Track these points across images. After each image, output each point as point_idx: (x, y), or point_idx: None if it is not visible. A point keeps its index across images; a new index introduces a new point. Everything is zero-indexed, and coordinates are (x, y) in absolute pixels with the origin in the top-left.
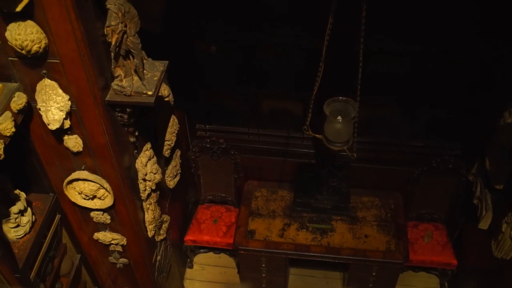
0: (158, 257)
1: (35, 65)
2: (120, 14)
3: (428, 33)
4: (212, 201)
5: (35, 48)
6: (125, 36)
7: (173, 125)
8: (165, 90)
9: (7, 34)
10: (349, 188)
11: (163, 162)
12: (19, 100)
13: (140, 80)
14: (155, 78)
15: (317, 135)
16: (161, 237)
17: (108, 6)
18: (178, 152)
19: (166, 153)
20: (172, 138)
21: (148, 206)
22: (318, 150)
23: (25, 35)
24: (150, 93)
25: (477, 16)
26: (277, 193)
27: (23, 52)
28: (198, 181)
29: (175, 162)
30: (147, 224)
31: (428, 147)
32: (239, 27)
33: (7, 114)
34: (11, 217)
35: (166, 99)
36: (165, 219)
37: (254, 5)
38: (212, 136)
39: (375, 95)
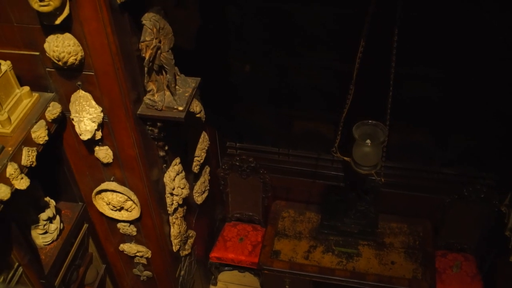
0: (182, 272)
1: (70, 76)
2: (155, 30)
3: (462, 59)
4: (239, 219)
5: (71, 60)
6: (159, 51)
7: (203, 141)
8: (197, 107)
9: (46, 45)
10: (377, 213)
11: (192, 177)
12: (53, 110)
13: (172, 95)
14: (186, 94)
15: (345, 158)
16: (186, 252)
17: (144, 22)
18: (207, 169)
19: (195, 169)
20: (202, 154)
21: (174, 220)
22: (347, 173)
23: (63, 47)
24: (180, 108)
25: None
26: (304, 215)
27: (60, 63)
28: (226, 198)
29: (204, 178)
30: (172, 238)
31: (460, 175)
32: (274, 48)
33: (41, 122)
34: (40, 224)
35: (197, 115)
36: (190, 234)
37: (290, 27)
38: (242, 154)
39: (406, 120)
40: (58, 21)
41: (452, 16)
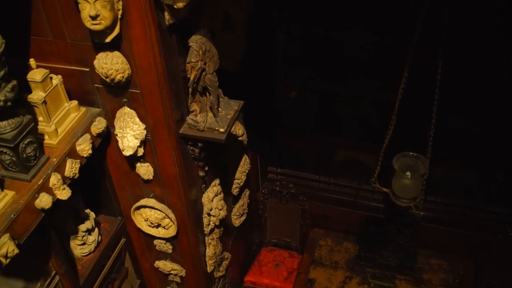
0: None
1: (117, 93)
2: (200, 52)
3: (507, 94)
4: (276, 244)
5: (118, 77)
6: (204, 73)
7: (244, 164)
8: (239, 130)
9: (95, 62)
10: (416, 248)
11: (231, 200)
12: (99, 124)
13: (214, 116)
14: (228, 116)
15: (384, 189)
16: (220, 274)
17: (190, 44)
18: (247, 192)
19: (235, 191)
20: (242, 177)
21: (210, 241)
22: (388, 205)
23: (111, 64)
24: (222, 130)
25: None
26: (341, 244)
27: (108, 80)
28: (265, 223)
29: (243, 201)
30: (207, 258)
31: (504, 214)
32: (319, 75)
33: (86, 136)
34: (78, 235)
35: (239, 138)
36: (226, 256)
37: (335, 54)
38: (283, 180)
39: (449, 154)
40: (108, 39)
41: (499, 49)
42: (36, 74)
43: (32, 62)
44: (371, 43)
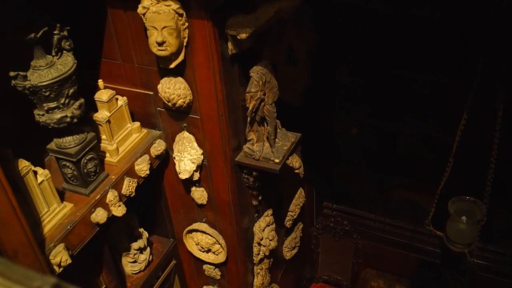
0: None
1: (178, 117)
2: (261, 82)
3: None
4: (327, 281)
5: (180, 102)
6: (263, 103)
7: (299, 197)
8: (296, 162)
9: (159, 86)
10: None
11: (283, 232)
12: (158, 147)
13: (270, 147)
14: (285, 148)
15: (438, 232)
16: None
17: (251, 74)
18: (300, 225)
19: (288, 223)
20: (296, 210)
21: (259, 270)
22: (444, 250)
23: (174, 89)
24: (277, 160)
25: None
26: (394, 287)
27: (169, 104)
28: (316, 258)
29: (296, 235)
30: None
31: None
32: (379, 113)
33: (145, 157)
34: (130, 252)
35: (296, 171)
36: (274, 287)
37: (397, 92)
38: (338, 216)
39: (509, 201)
40: (172, 65)
41: None
42: (103, 94)
43: (100, 82)
44: (432, 82)
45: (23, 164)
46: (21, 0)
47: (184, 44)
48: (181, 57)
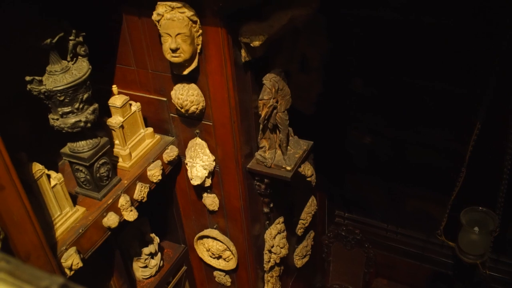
0: None
1: (190, 124)
2: (273, 90)
3: None
4: None
5: (193, 108)
6: (275, 111)
7: (311, 205)
8: (308, 170)
9: (172, 92)
10: None
11: (295, 240)
12: (171, 152)
13: (282, 154)
14: (296, 155)
15: (450, 243)
16: None
17: (264, 81)
18: (311, 234)
19: (299, 231)
20: (308, 218)
21: (269, 278)
22: (456, 261)
23: (187, 96)
24: (288, 168)
25: None
26: None
27: (182, 110)
28: (327, 267)
29: (307, 243)
30: None
31: None
32: (392, 122)
33: (158, 162)
34: (141, 257)
35: (308, 179)
36: None
37: (411, 102)
38: (349, 225)
39: None
40: (186, 72)
41: None
42: (116, 100)
43: (114, 88)
44: (445, 91)
45: (37, 168)
46: (37, 5)
47: (198, 51)
48: (194, 64)
